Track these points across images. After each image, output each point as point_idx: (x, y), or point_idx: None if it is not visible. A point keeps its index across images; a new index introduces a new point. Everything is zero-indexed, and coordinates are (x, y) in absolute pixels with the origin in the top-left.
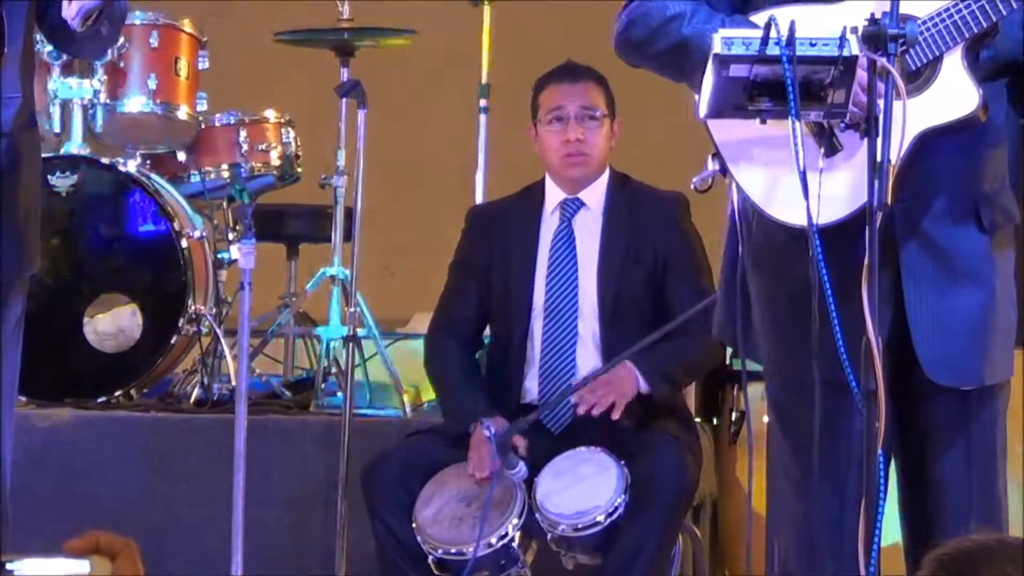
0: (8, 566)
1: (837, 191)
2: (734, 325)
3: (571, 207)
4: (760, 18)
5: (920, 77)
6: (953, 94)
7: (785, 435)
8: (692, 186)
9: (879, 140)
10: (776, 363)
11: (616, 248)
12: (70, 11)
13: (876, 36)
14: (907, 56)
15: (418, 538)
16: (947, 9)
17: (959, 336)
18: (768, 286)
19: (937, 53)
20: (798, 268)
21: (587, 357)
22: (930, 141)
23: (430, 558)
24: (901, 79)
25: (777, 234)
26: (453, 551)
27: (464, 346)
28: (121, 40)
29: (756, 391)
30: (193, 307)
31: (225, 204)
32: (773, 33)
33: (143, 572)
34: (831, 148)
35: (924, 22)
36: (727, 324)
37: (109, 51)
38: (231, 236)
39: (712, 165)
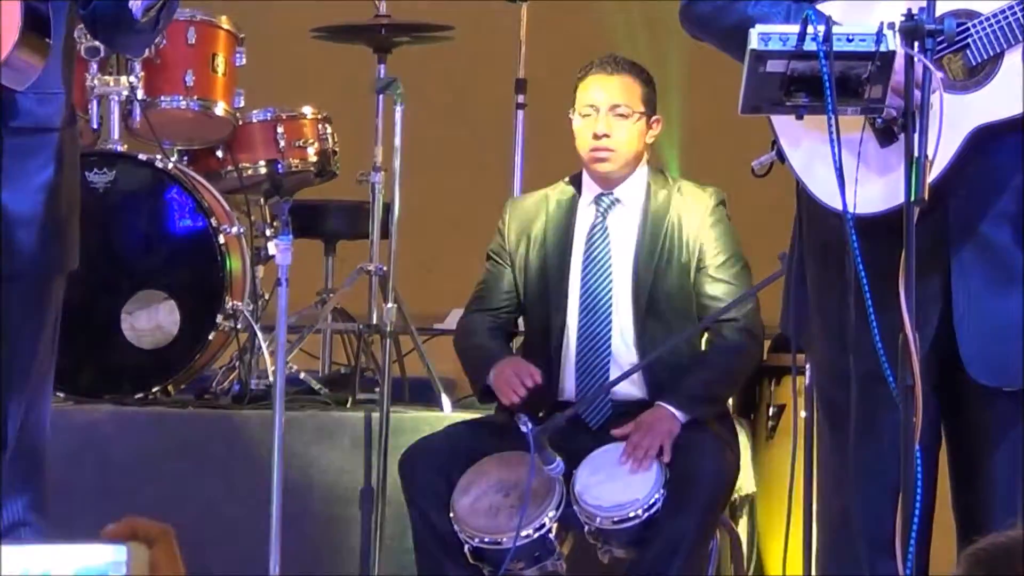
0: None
1: (888, 181)
2: (790, 314)
3: (606, 202)
4: (828, 7)
5: (980, 73)
6: (1010, 92)
7: (830, 428)
8: (751, 169)
9: (916, 136)
10: (825, 354)
11: (651, 245)
12: (137, 1)
13: (913, 31)
14: (967, 52)
15: (455, 527)
16: (1011, 7)
17: (1005, 338)
18: (821, 275)
19: (998, 50)
20: (850, 258)
21: (623, 353)
22: (990, 139)
23: (466, 547)
24: (960, 74)
25: (832, 222)
26: (489, 540)
27: (495, 324)
28: (159, 37)
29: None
30: (230, 303)
31: (263, 200)
32: (810, 29)
33: (180, 558)
34: (888, 137)
35: (987, 18)
36: (785, 314)
37: (147, 48)
38: (268, 232)
39: (772, 150)
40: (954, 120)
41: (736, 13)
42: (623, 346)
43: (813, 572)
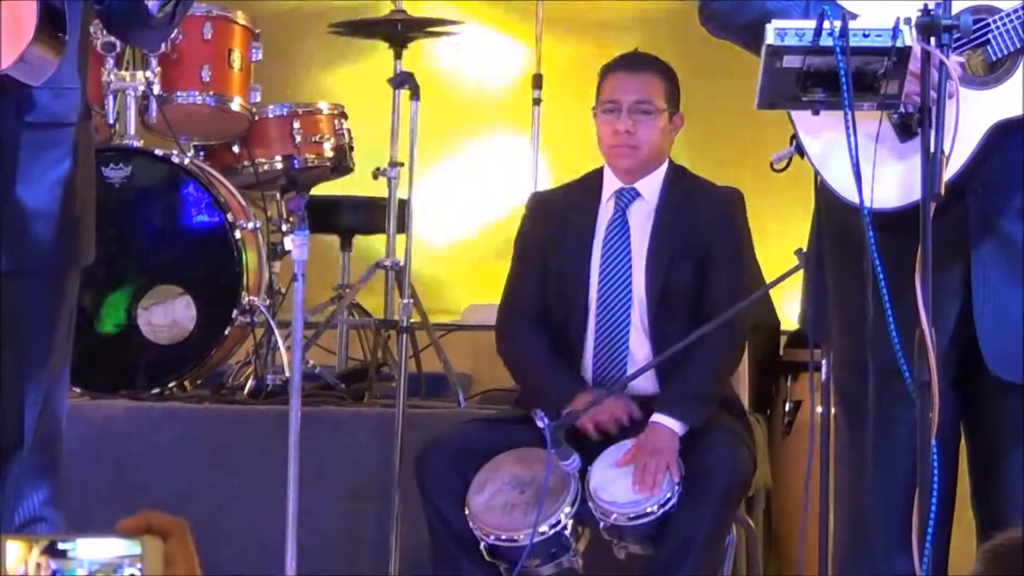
0: (60, 546)
1: (908, 175)
2: (809, 309)
3: (626, 197)
4: (851, 3)
5: (1000, 68)
6: None
7: (848, 424)
8: (770, 164)
9: (932, 131)
10: (843, 349)
11: (665, 241)
12: None
13: (929, 26)
14: (988, 47)
15: (470, 524)
16: None
17: (1021, 333)
18: (841, 270)
19: (1019, 45)
20: (867, 253)
21: (640, 347)
22: (1010, 135)
23: (482, 544)
24: (980, 70)
25: (852, 218)
26: (505, 537)
27: (538, 328)
28: (175, 32)
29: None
30: (247, 298)
31: (279, 195)
32: (826, 24)
33: (195, 553)
34: (907, 132)
35: (1008, 14)
36: (804, 309)
37: (163, 43)
38: (285, 227)
39: (791, 144)
40: (974, 116)
41: (754, 8)
42: (640, 341)
43: (829, 567)
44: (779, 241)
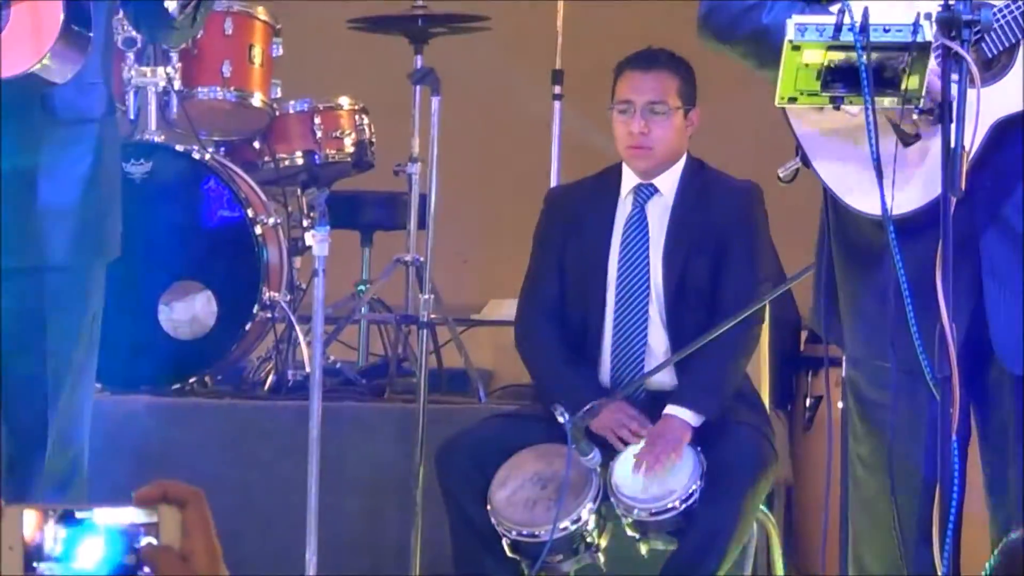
0: (78, 515)
1: (916, 181)
2: (820, 310)
3: (644, 192)
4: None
5: (997, 65)
6: None
7: (864, 420)
8: (777, 176)
9: (952, 127)
10: (858, 348)
11: (682, 235)
12: (173, 1)
13: (950, 22)
14: (983, 44)
15: (492, 520)
16: None
17: None
18: (852, 274)
19: (1013, 41)
20: (882, 256)
21: (658, 341)
22: (1011, 130)
23: (504, 540)
24: (977, 67)
25: (861, 224)
26: (527, 533)
27: (556, 325)
28: None
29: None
30: (267, 294)
31: (299, 191)
32: (847, 19)
33: (212, 521)
34: (909, 138)
35: (1000, 9)
36: (815, 309)
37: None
38: (305, 223)
39: (795, 156)
40: (976, 114)
41: (751, 23)
42: (658, 336)
43: (850, 562)
44: (799, 234)
